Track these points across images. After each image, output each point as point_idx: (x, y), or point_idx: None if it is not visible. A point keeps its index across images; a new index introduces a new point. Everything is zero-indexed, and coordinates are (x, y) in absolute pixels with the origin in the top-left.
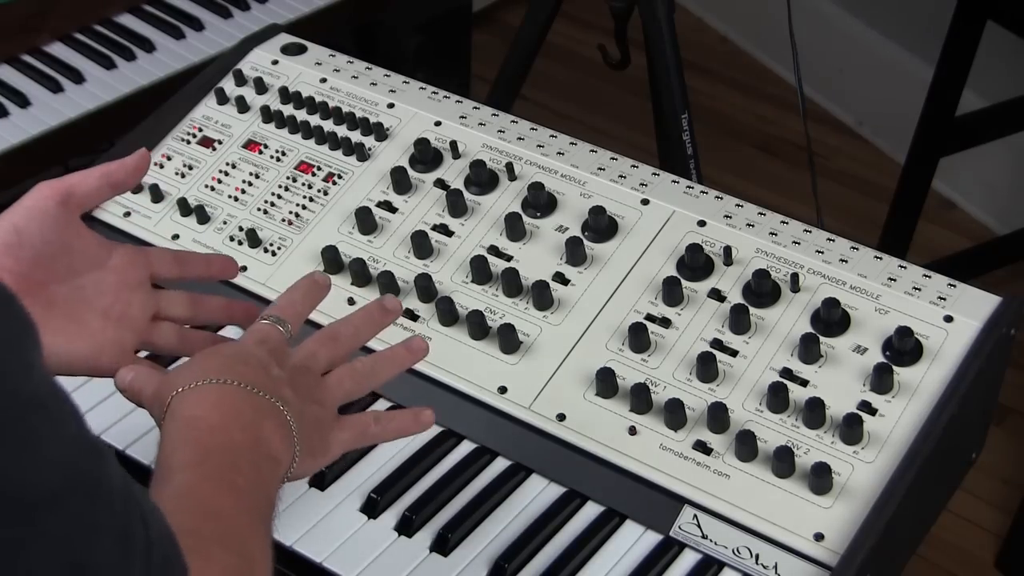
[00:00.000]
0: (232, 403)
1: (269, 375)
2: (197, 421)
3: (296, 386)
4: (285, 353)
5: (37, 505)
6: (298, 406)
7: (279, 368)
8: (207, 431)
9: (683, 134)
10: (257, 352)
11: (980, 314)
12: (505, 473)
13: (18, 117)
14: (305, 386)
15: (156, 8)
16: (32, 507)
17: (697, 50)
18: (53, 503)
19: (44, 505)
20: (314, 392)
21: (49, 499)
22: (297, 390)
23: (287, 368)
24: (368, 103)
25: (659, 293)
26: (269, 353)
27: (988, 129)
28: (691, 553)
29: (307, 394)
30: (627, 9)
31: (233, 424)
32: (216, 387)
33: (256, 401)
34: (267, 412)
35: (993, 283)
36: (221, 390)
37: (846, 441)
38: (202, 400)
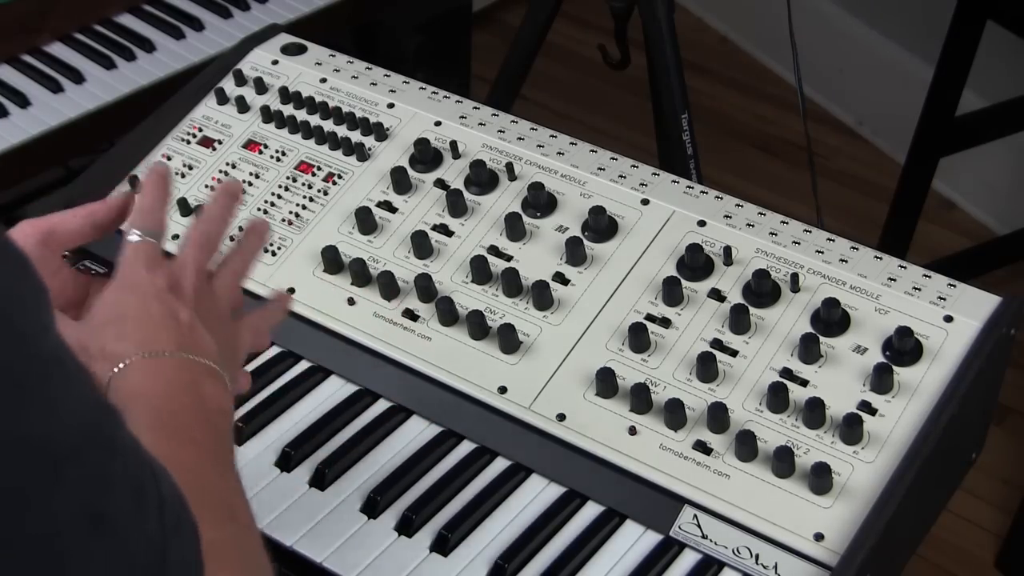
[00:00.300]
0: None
1: (180, 325)
2: (142, 396)
3: (202, 315)
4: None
5: (59, 458)
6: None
7: (182, 304)
8: (156, 399)
9: (683, 134)
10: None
11: (980, 314)
12: (505, 473)
13: (18, 117)
14: (207, 309)
15: (156, 8)
16: (54, 460)
17: (697, 50)
18: (73, 456)
19: (65, 458)
20: (214, 310)
21: (69, 453)
22: (205, 319)
23: (187, 297)
24: (368, 103)
25: (659, 293)
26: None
27: (988, 129)
28: (691, 553)
29: (212, 316)
30: (627, 9)
31: (176, 390)
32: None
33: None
34: (201, 371)
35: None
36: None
37: (846, 441)
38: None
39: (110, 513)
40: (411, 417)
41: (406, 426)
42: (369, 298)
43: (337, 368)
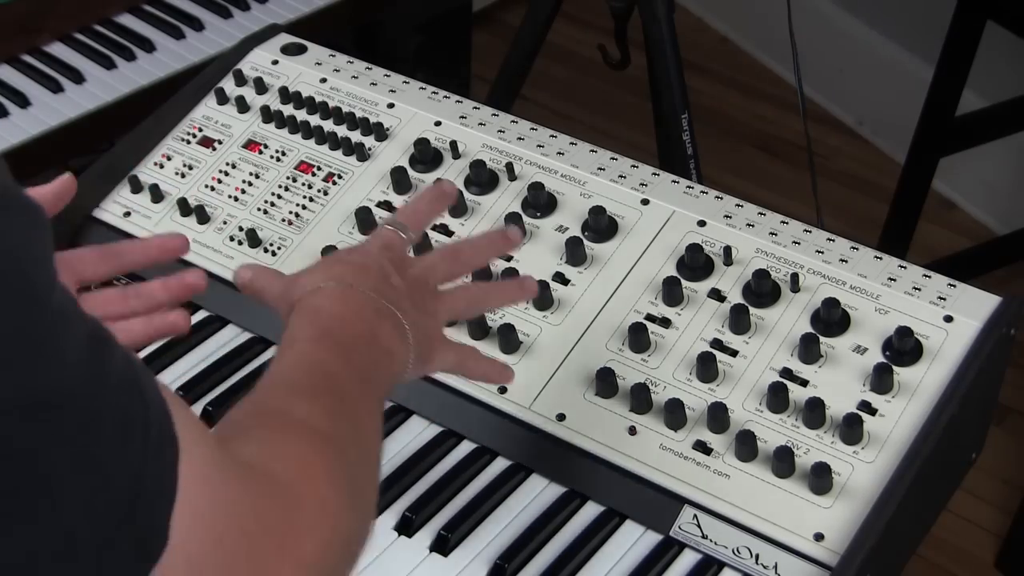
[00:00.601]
0: (356, 301)
1: (390, 284)
2: (321, 310)
3: (413, 297)
4: (406, 262)
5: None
6: (413, 315)
7: (399, 278)
8: (329, 318)
9: (683, 134)
10: (380, 259)
11: (980, 314)
12: (505, 473)
13: (18, 117)
14: (421, 298)
15: (156, 8)
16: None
17: (697, 50)
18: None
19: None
20: (428, 305)
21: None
22: (413, 301)
23: (407, 278)
24: (368, 103)
25: (659, 293)
26: (391, 261)
27: (988, 129)
28: (691, 553)
29: (422, 306)
30: (627, 9)
31: (355, 317)
32: (341, 289)
33: (377, 304)
34: (386, 315)
35: (993, 283)
36: (345, 291)
37: (846, 441)
38: (327, 296)
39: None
40: (411, 417)
41: (406, 426)
42: None
43: None
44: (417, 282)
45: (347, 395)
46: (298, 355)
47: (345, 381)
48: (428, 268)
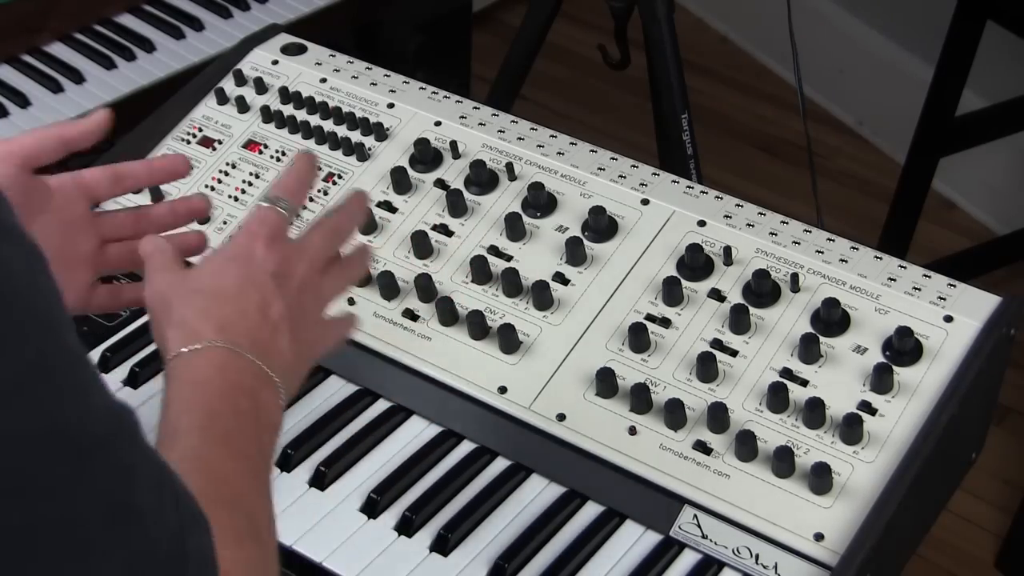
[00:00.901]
0: (235, 369)
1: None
2: (203, 386)
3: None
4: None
5: (88, 448)
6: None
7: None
8: (215, 395)
9: (683, 134)
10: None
11: (980, 314)
12: (505, 473)
13: (18, 117)
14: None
15: (156, 8)
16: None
17: (697, 50)
18: (100, 447)
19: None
20: (312, 308)
21: (98, 443)
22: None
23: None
24: (368, 103)
25: (659, 293)
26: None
27: (988, 129)
28: (691, 553)
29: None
30: (627, 9)
31: (237, 391)
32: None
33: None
34: (264, 381)
35: (993, 283)
36: (224, 356)
37: (846, 441)
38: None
39: (134, 503)
40: (411, 417)
41: (406, 426)
42: (369, 298)
43: (337, 368)
44: (302, 287)
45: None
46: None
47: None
48: (309, 254)
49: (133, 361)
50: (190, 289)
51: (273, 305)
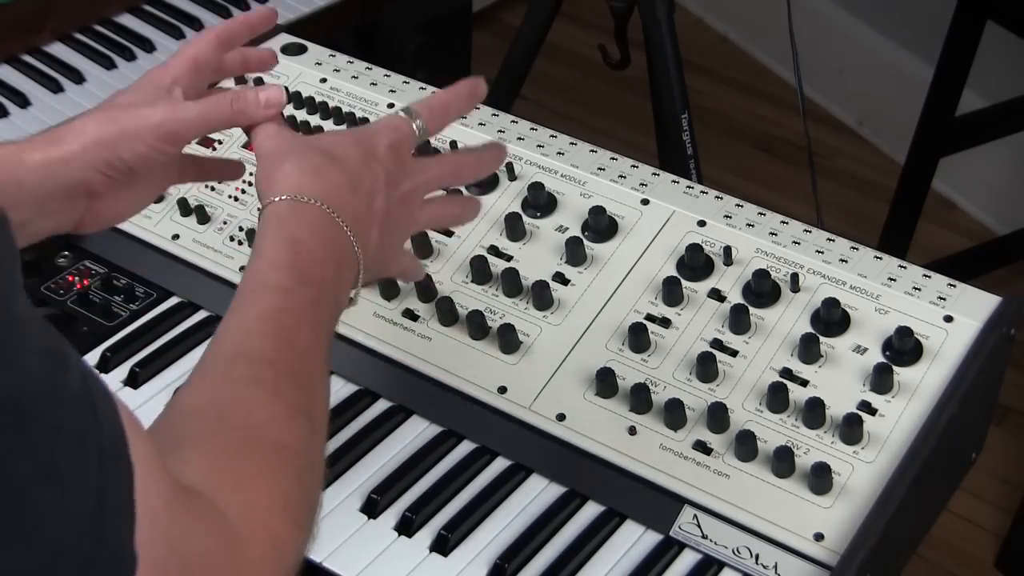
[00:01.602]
0: (331, 239)
1: (371, 209)
2: (301, 245)
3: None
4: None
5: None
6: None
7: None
8: (307, 259)
9: (683, 134)
10: (378, 170)
11: (980, 314)
12: (505, 473)
13: (18, 117)
14: (397, 219)
15: (156, 8)
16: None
17: (697, 50)
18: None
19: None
20: (401, 227)
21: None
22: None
23: (394, 197)
24: (368, 103)
25: (659, 293)
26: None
27: (988, 129)
28: (691, 553)
29: (395, 228)
30: (627, 9)
31: (330, 262)
32: (321, 214)
33: (348, 247)
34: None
35: (993, 283)
36: (325, 220)
37: (846, 441)
38: (308, 222)
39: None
40: (411, 417)
41: (406, 426)
42: (369, 298)
43: (337, 368)
44: (403, 200)
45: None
46: (268, 312)
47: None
48: (423, 184)
49: (133, 361)
50: (309, 146)
51: (377, 198)
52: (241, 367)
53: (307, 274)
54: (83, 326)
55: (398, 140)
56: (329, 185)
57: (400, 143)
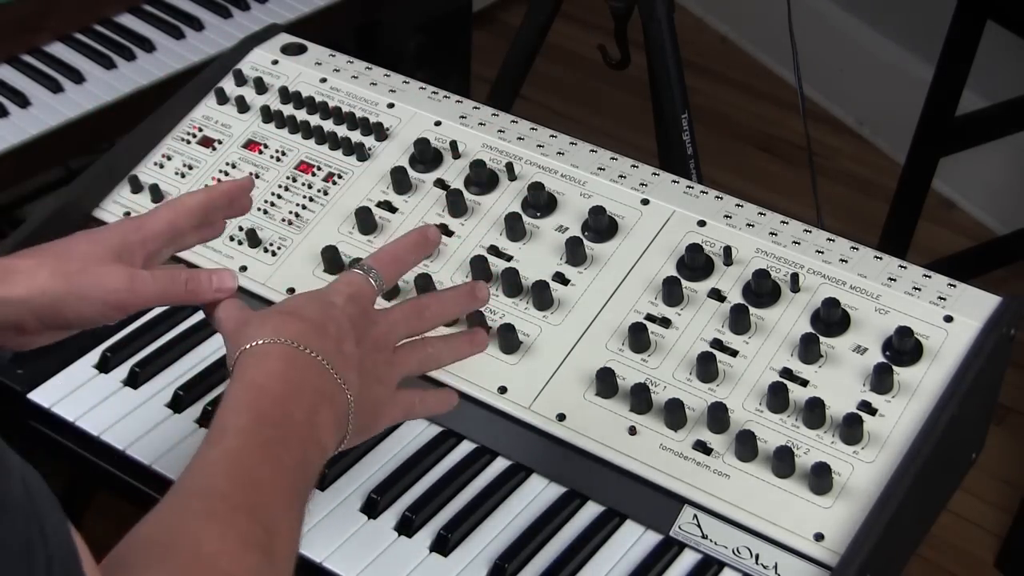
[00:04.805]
0: (298, 376)
1: (342, 352)
2: (261, 389)
3: (365, 366)
4: (368, 318)
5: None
6: (359, 389)
7: (356, 344)
8: (268, 400)
9: (683, 134)
10: (341, 317)
11: (980, 314)
12: (505, 473)
13: (18, 117)
14: (374, 365)
15: (156, 8)
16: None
17: (697, 50)
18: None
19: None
20: (381, 372)
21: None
22: (365, 371)
23: (365, 343)
24: (368, 103)
25: (659, 293)
26: (353, 319)
27: (988, 129)
28: (691, 553)
29: (374, 374)
30: (627, 9)
31: (293, 400)
32: (288, 350)
33: (322, 381)
34: (328, 396)
35: (993, 283)
36: (292, 356)
37: (846, 441)
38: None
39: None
40: None
41: (406, 426)
42: None
43: None
44: (376, 346)
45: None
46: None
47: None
48: (390, 327)
49: (133, 361)
50: (269, 310)
51: (346, 341)
52: (196, 502)
53: (267, 415)
54: None
55: (356, 292)
56: (293, 330)
57: (358, 295)
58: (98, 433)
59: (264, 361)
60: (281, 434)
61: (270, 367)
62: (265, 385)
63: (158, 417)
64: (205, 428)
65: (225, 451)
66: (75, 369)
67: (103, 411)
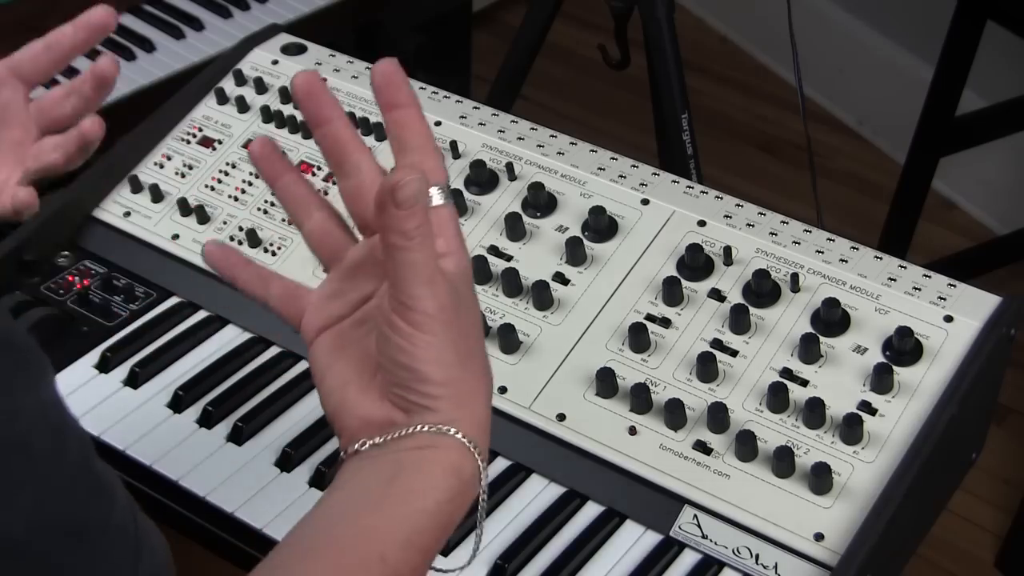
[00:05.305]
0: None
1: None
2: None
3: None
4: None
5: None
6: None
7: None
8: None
9: (683, 134)
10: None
11: (980, 314)
12: (505, 473)
13: None
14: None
15: (156, 8)
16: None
17: (697, 50)
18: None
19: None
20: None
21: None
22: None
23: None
24: (368, 103)
25: (659, 293)
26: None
27: (988, 129)
28: (691, 553)
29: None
30: (627, 9)
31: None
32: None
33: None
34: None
35: (993, 283)
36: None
37: (846, 441)
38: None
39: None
40: None
41: None
42: None
43: None
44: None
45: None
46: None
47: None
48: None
49: (133, 361)
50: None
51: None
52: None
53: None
54: (83, 326)
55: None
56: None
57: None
58: (98, 433)
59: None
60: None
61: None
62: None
63: (158, 417)
64: (205, 428)
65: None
66: (75, 369)
67: (103, 411)
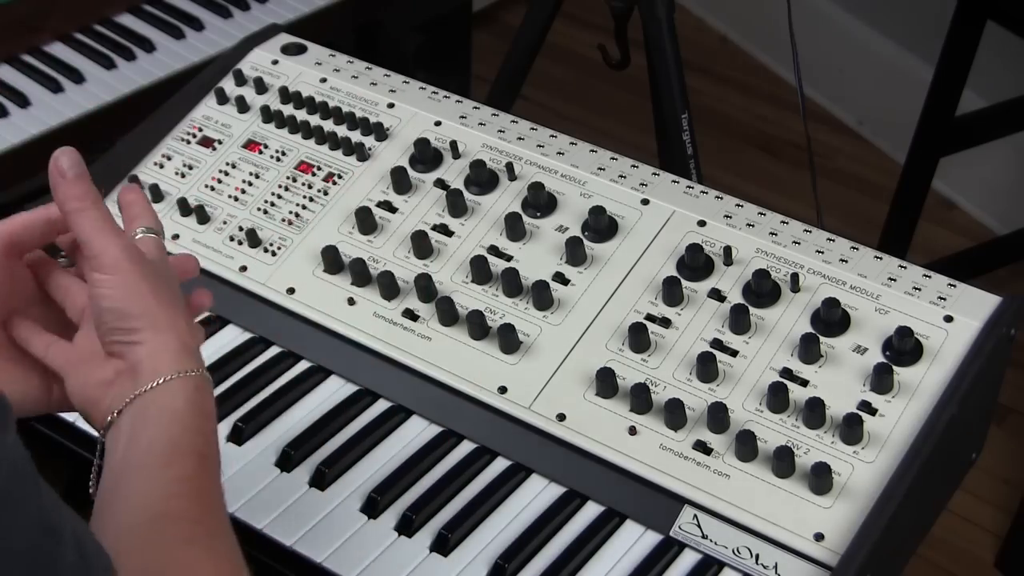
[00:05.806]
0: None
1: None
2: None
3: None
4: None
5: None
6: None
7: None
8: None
9: (683, 134)
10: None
11: (980, 314)
12: (505, 473)
13: (18, 117)
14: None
15: (156, 8)
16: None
17: (697, 50)
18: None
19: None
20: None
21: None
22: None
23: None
24: (368, 103)
25: (659, 293)
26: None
27: (988, 129)
28: (691, 553)
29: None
30: (627, 9)
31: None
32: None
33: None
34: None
35: (993, 283)
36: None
37: (846, 441)
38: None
39: None
40: (411, 417)
41: (406, 426)
42: (369, 298)
43: (337, 368)
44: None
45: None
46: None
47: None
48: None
49: None
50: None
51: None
52: (170, 527)
53: (209, 446)
54: None
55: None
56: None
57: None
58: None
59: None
60: (217, 461)
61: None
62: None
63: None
64: None
65: (183, 472)
66: None
67: None
